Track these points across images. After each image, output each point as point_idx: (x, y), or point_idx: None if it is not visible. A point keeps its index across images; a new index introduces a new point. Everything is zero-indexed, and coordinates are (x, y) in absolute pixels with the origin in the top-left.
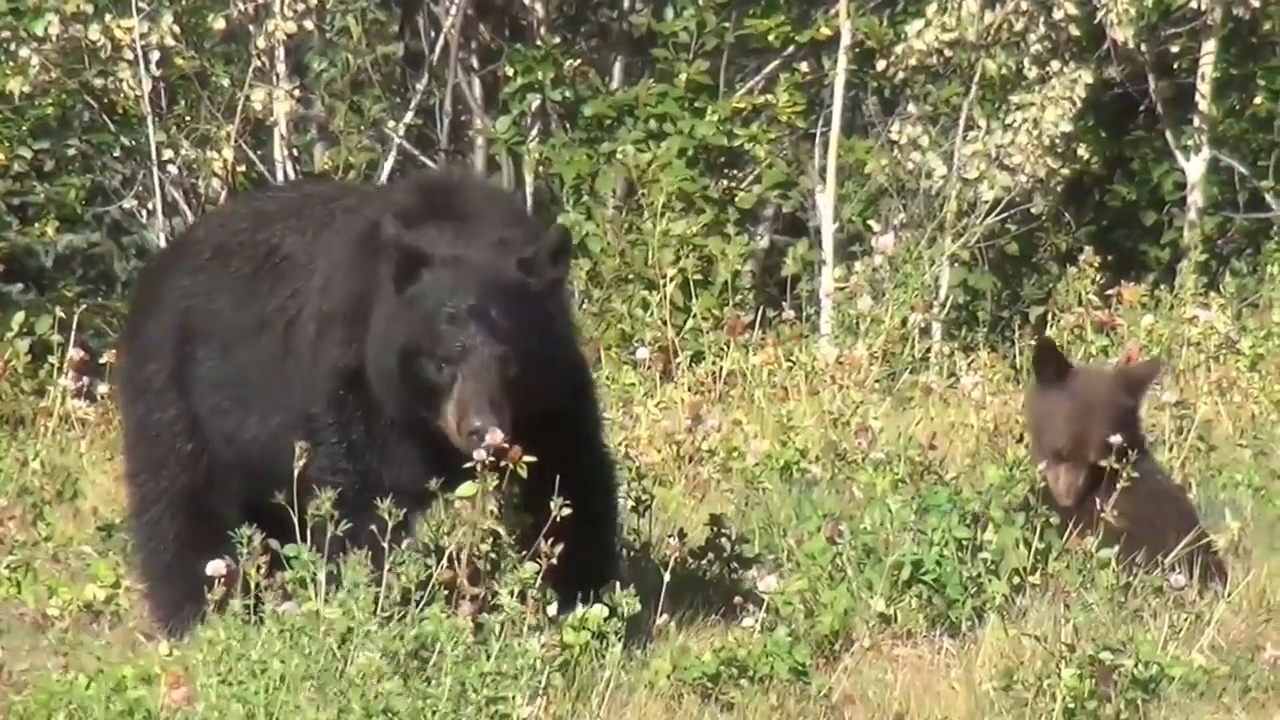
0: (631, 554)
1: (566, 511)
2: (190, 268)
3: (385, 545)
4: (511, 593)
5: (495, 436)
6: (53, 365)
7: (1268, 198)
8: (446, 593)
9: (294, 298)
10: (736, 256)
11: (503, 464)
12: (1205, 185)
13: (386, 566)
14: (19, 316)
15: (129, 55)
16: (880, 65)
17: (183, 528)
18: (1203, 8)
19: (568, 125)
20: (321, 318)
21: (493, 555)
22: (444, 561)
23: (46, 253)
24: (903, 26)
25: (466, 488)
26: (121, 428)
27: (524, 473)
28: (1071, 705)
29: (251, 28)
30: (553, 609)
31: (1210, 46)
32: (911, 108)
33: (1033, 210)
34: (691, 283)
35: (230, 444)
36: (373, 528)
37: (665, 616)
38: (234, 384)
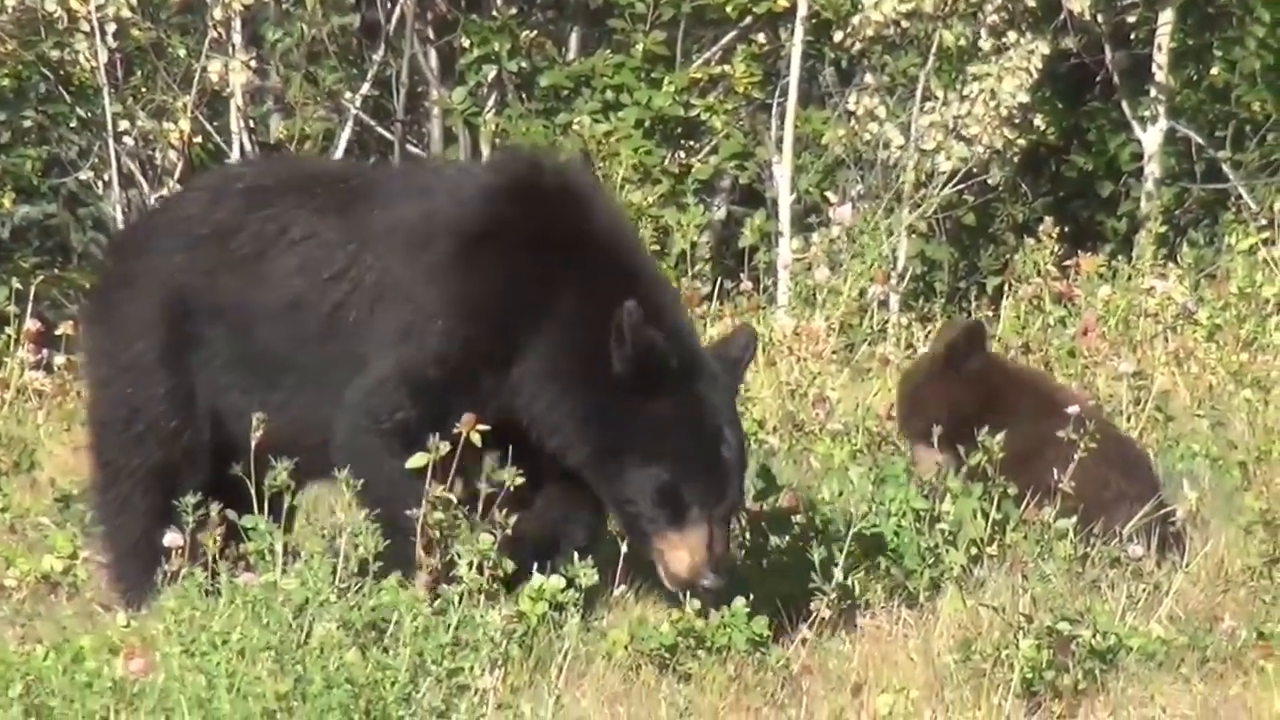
0: None
1: (520, 481)
2: (181, 245)
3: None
4: (470, 564)
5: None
6: (9, 337)
7: (1225, 168)
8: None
9: (335, 281)
10: (693, 228)
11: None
12: (1162, 156)
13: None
14: None
15: (85, 27)
16: (837, 36)
17: (154, 503)
18: None
19: (524, 96)
20: (417, 313)
21: (446, 526)
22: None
23: (3, 224)
24: None
25: (416, 459)
26: (89, 401)
27: (478, 441)
28: (1029, 675)
29: None
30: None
31: (1167, 17)
32: (869, 79)
33: (990, 181)
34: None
35: (243, 420)
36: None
37: (623, 588)
38: (254, 362)
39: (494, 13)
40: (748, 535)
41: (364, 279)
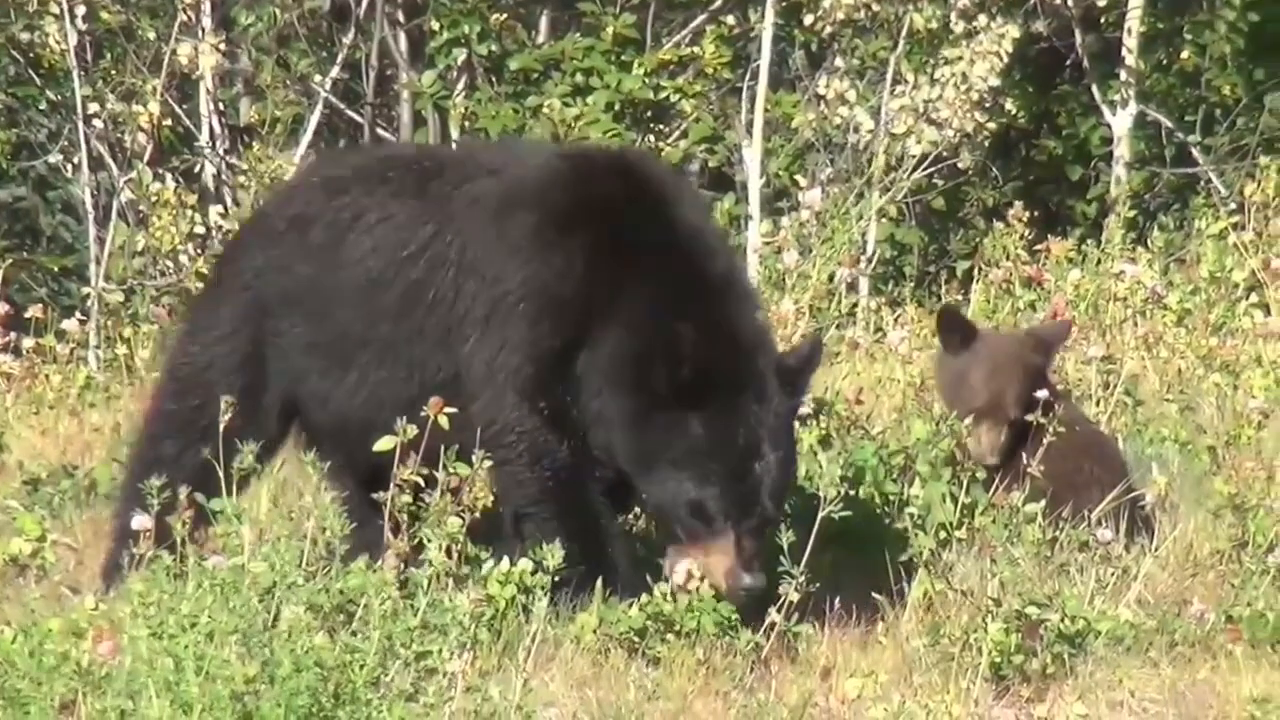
0: None
1: (489, 464)
2: (261, 244)
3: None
4: (439, 547)
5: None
6: None
7: (1194, 152)
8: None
9: (412, 259)
10: None
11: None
12: (1132, 140)
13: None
14: None
15: (55, 9)
16: (808, 19)
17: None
18: None
19: (494, 79)
20: (501, 295)
21: (414, 509)
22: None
23: None
24: None
25: (383, 442)
26: (151, 415)
27: (445, 424)
28: (998, 660)
29: None
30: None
31: (1137, 1)
32: (839, 62)
33: (960, 165)
34: None
35: (325, 406)
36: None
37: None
38: (330, 345)
39: None
40: None
41: (446, 255)
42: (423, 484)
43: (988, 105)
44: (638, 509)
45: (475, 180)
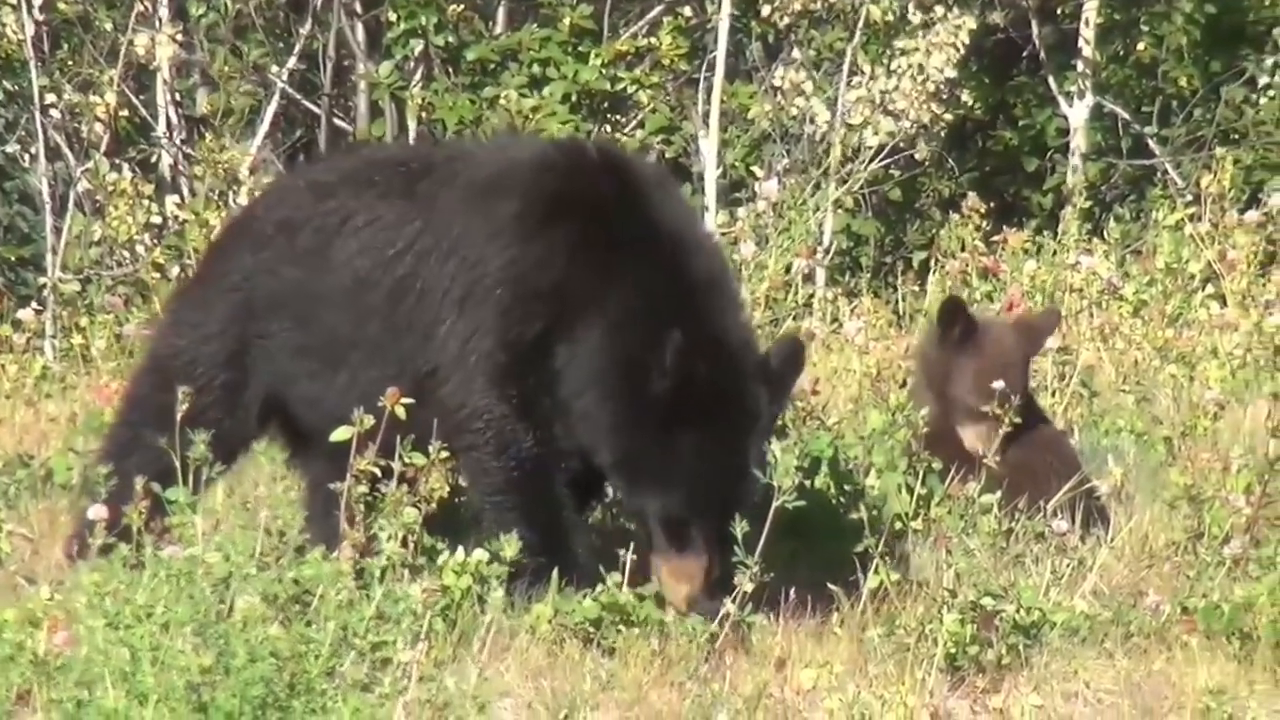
0: None
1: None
2: (249, 246)
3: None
4: (392, 537)
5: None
6: None
7: (1151, 144)
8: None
9: (400, 256)
10: None
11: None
12: (1088, 131)
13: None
14: None
15: None
16: (764, 10)
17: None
18: None
19: (451, 70)
20: (478, 277)
21: (370, 499)
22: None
23: None
24: None
25: (340, 432)
26: (130, 400)
27: (402, 415)
28: (953, 650)
29: None
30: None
31: None
32: (795, 53)
33: (916, 156)
34: None
35: (316, 408)
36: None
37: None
38: (320, 347)
39: None
40: None
41: (431, 246)
42: (380, 475)
43: (944, 96)
44: (604, 501)
45: (464, 174)
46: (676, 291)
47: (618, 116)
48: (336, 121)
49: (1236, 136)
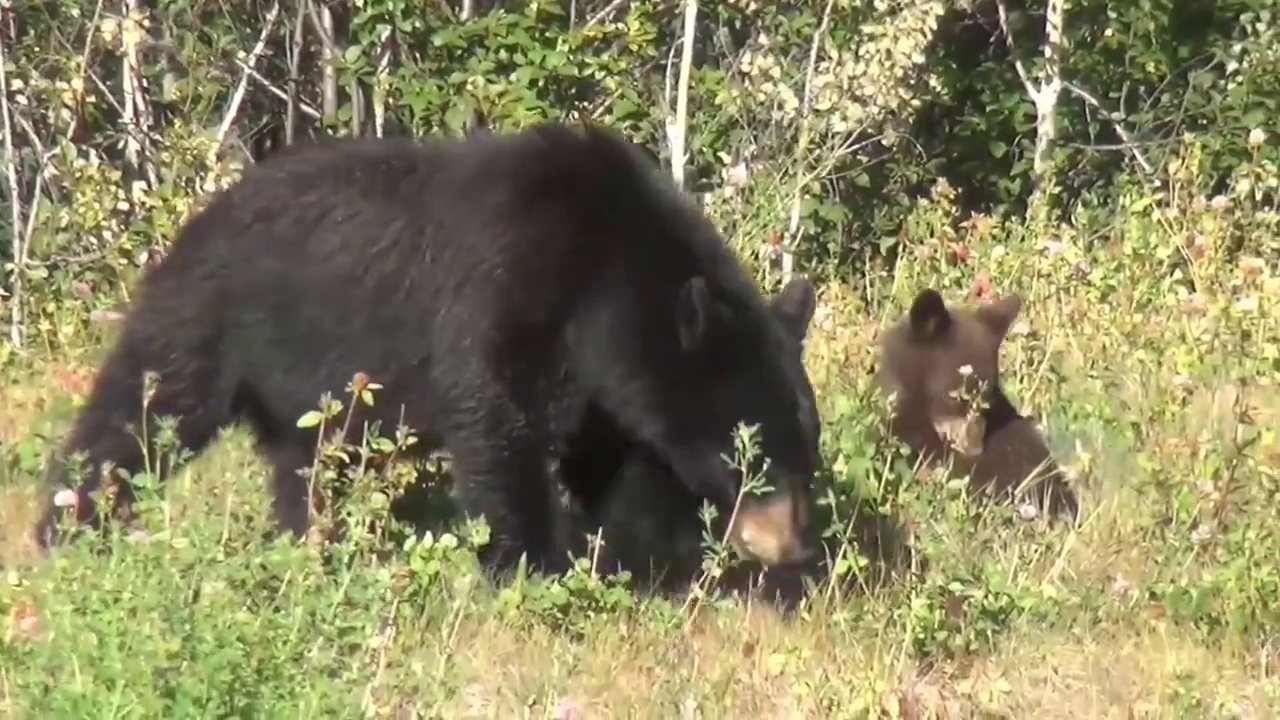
0: None
1: (413, 440)
2: (226, 234)
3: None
4: (360, 523)
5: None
6: None
7: (1118, 129)
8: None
9: (383, 254)
10: None
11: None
12: (1056, 117)
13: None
14: None
15: None
16: None
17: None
18: None
19: (418, 56)
20: (475, 263)
21: (338, 484)
22: None
23: None
24: None
25: (309, 418)
26: (102, 384)
27: (370, 400)
28: (921, 636)
29: None
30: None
31: None
32: (763, 39)
33: (884, 142)
34: None
35: (291, 400)
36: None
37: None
38: (298, 342)
39: None
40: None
41: (418, 242)
42: (348, 460)
43: (912, 82)
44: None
45: (448, 170)
46: (683, 259)
47: (585, 102)
48: (303, 107)
49: (1204, 122)
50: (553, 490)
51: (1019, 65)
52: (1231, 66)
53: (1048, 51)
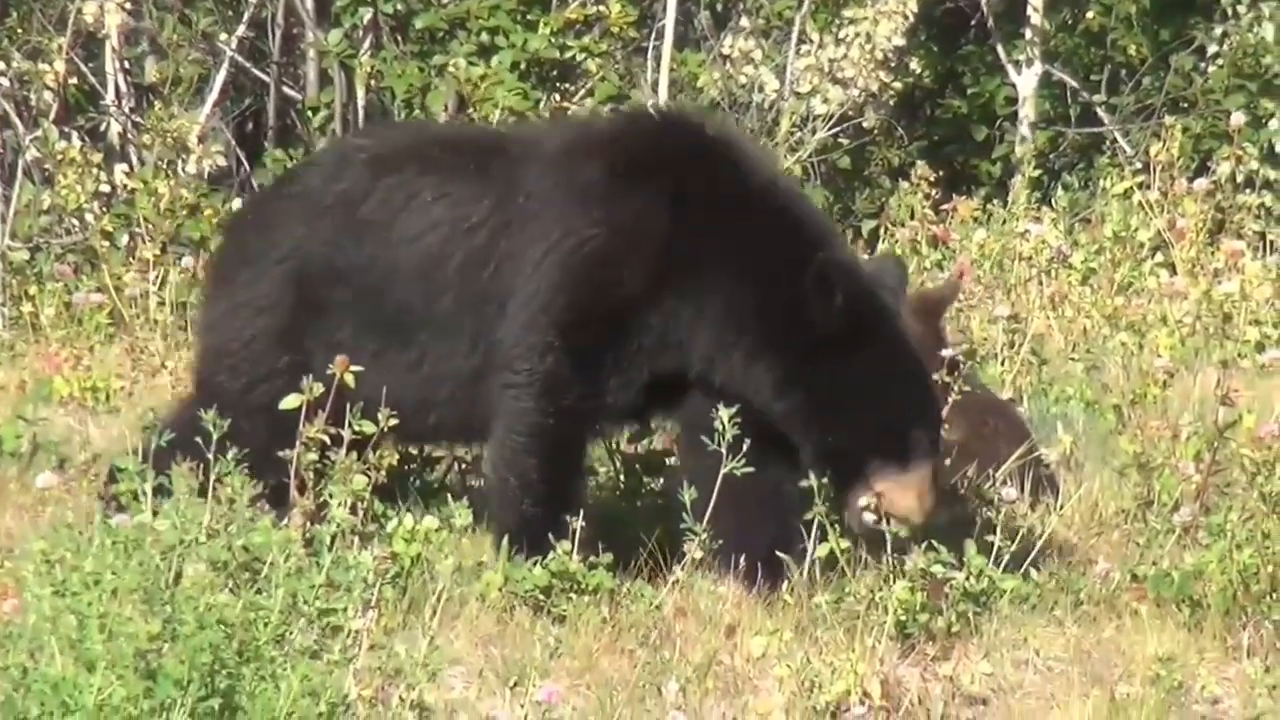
0: (462, 468)
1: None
2: (303, 218)
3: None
4: (342, 504)
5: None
6: None
7: (1100, 112)
8: None
9: (474, 230)
10: None
11: None
12: (1037, 100)
13: None
14: None
15: None
16: None
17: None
18: None
19: (399, 38)
20: (563, 235)
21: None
22: None
23: None
24: None
25: (290, 400)
26: (196, 369)
27: (351, 383)
28: (903, 618)
29: None
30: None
31: None
32: (744, 21)
33: (865, 124)
34: None
35: (377, 383)
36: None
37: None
38: (387, 324)
39: None
40: (622, 477)
41: (508, 218)
42: (329, 442)
43: (893, 65)
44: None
45: (538, 150)
46: (796, 238)
47: (567, 85)
48: (285, 90)
49: (1185, 105)
50: (584, 470)
51: (1000, 48)
52: (1212, 49)
53: (1029, 34)
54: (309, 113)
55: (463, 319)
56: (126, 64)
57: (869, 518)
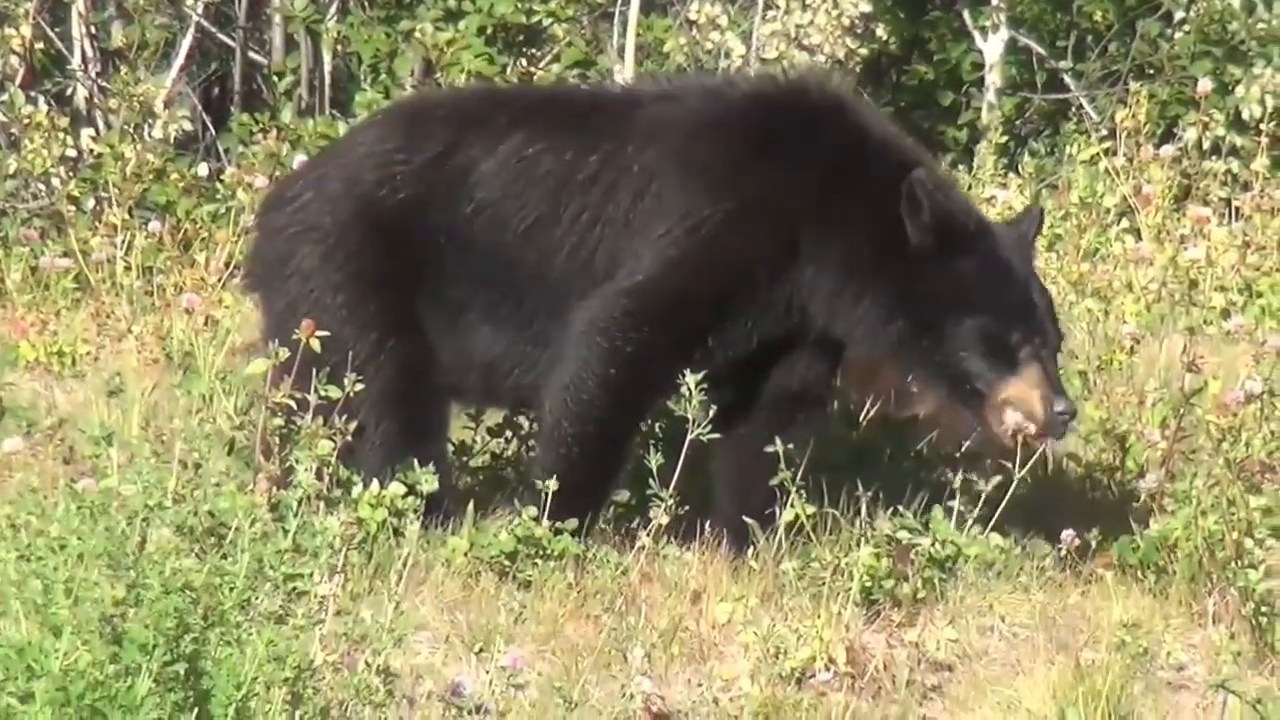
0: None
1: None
2: (378, 181)
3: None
4: (307, 469)
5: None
6: None
7: (1066, 78)
8: None
9: (581, 190)
10: None
11: None
12: (1003, 66)
13: None
14: None
15: None
16: None
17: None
18: None
19: (366, 3)
20: (683, 215)
21: (285, 431)
22: None
23: None
24: None
25: (256, 364)
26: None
27: (318, 348)
28: (868, 584)
29: None
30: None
31: None
32: None
33: None
34: None
35: (493, 339)
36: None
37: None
38: (500, 286)
39: None
40: None
41: (620, 180)
42: (295, 407)
43: (859, 31)
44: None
45: (645, 106)
46: (896, 181)
47: (533, 50)
48: (251, 54)
49: (1151, 71)
50: (628, 461)
51: (966, 14)
52: (1179, 15)
53: (995, 0)
54: (275, 78)
55: (575, 279)
56: (93, 28)
57: (1011, 420)
